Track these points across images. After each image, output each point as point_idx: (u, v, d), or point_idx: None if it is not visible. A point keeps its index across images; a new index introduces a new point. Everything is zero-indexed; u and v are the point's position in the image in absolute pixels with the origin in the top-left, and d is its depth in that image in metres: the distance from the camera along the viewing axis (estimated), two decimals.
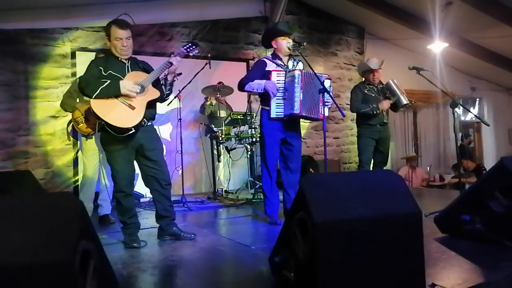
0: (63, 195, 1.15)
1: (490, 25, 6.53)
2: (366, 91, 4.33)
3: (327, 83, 3.33)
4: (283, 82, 3.33)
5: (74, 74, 5.18)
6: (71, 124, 3.71)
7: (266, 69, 3.39)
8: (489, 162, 8.59)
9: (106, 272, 1.34)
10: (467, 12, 6.16)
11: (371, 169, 4.41)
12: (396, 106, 4.38)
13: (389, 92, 4.33)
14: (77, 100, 3.77)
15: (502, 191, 2.36)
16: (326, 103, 3.35)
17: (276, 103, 3.33)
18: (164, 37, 5.96)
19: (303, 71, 3.34)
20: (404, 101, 4.26)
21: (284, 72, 3.36)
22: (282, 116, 3.34)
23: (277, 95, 3.32)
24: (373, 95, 4.31)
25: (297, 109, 3.23)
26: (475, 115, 4.81)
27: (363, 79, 4.49)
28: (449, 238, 2.70)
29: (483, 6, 6.12)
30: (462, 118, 9.24)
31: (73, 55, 5.34)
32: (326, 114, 3.41)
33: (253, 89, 3.39)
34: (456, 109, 3.67)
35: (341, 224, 1.52)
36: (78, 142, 4.01)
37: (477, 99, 9.35)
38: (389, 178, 1.69)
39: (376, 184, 1.66)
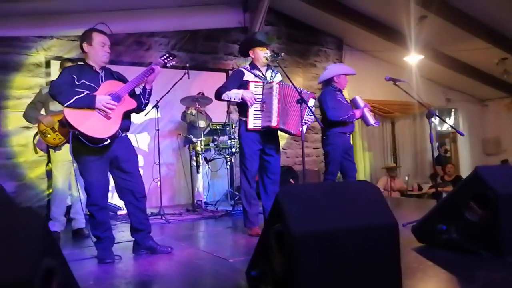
0: (25, 211, 1.09)
1: (463, 38, 6.73)
2: (338, 98, 4.13)
3: (311, 102, 3.34)
4: (261, 93, 3.32)
5: (48, 84, 5.05)
6: (37, 136, 3.61)
7: (244, 79, 3.38)
8: (465, 171, 8.78)
9: None
10: (441, 25, 6.34)
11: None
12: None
13: (355, 107, 4.20)
14: (42, 112, 3.67)
15: (476, 200, 2.39)
16: (306, 122, 3.33)
17: (254, 114, 3.32)
18: (142, 47, 5.91)
19: (281, 83, 3.34)
20: (371, 121, 4.17)
21: (262, 83, 3.35)
22: (260, 127, 3.32)
23: (254, 106, 3.30)
24: (344, 102, 4.16)
25: (274, 122, 3.22)
26: (450, 125, 4.88)
27: (333, 83, 4.17)
28: (427, 248, 2.71)
29: (456, 20, 6.32)
30: (439, 128, 9.45)
31: (47, 64, 5.22)
32: (304, 131, 3.35)
33: (230, 98, 3.37)
34: (432, 119, 3.70)
35: (319, 236, 1.50)
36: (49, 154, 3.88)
37: (453, 110, 9.59)
38: (366, 189, 1.68)
39: (353, 195, 1.65)
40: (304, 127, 3.37)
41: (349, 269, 1.50)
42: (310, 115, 3.35)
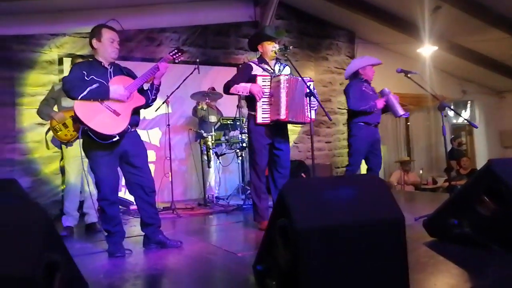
0: (27, 205, 1.11)
1: (478, 28, 6.56)
2: (363, 88, 4.10)
3: (310, 86, 3.31)
4: (269, 87, 3.31)
5: (61, 80, 5.11)
6: (50, 132, 3.68)
7: (252, 73, 3.38)
8: (481, 164, 8.52)
9: (76, 284, 1.29)
10: (456, 16, 6.19)
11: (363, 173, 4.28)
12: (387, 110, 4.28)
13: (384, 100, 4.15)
14: (54, 108, 3.72)
15: (489, 194, 2.34)
16: (312, 106, 3.32)
17: (262, 108, 3.31)
18: (153, 43, 5.93)
19: (289, 76, 3.32)
20: (400, 112, 4.11)
21: (269, 77, 3.34)
22: (268, 121, 3.32)
23: (262, 100, 3.30)
24: (370, 93, 4.13)
25: (283, 115, 3.21)
26: (463, 118, 4.78)
27: (360, 76, 4.17)
28: (438, 242, 2.67)
29: (472, 10, 6.16)
30: (454, 121, 9.26)
31: (60, 61, 5.28)
32: (313, 117, 3.36)
33: (238, 92, 3.38)
34: (448, 111, 3.63)
35: (323, 231, 1.49)
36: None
37: (469, 102, 9.39)
38: (372, 183, 1.66)
39: (359, 189, 1.62)
40: (312, 112, 3.34)
41: (354, 264, 1.48)
42: (314, 101, 3.32)
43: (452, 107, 8.54)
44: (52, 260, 1.06)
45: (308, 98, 3.19)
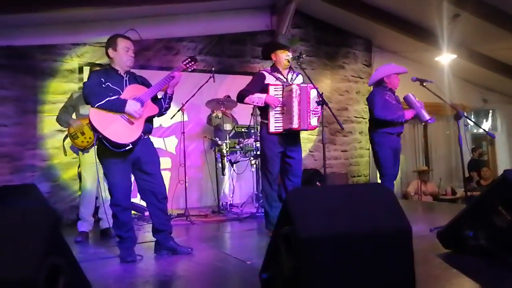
0: (34, 209, 1.14)
1: (499, 36, 6.43)
2: (387, 97, 3.98)
3: (314, 92, 3.29)
4: (281, 96, 3.32)
5: (80, 89, 5.24)
6: (67, 138, 3.77)
7: (265, 82, 3.40)
8: None
9: None
10: (475, 24, 6.08)
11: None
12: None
13: (408, 106, 4.06)
14: (73, 116, 3.82)
15: (505, 205, 2.27)
16: (314, 113, 3.31)
17: (275, 117, 3.33)
18: (170, 52, 6.03)
19: (300, 85, 3.32)
20: (426, 116, 3.98)
21: (281, 86, 3.35)
22: (281, 130, 3.33)
23: (275, 109, 3.31)
24: (393, 102, 4.01)
25: (295, 124, 3.23)
26: (480, 127, 4.66)
27: (384, 84, 4.04)
28: (452, 254, 2.61)
29: (492, 17, 6.04)
30: (475, 131, 9.05)
31: (80, 70, 5.42)
32: (315, 124, 3.35)
33: (253, 102, 3.40)
34: (468, 121, 3.54)
35: (326, 239, 1.47)
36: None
37: (490, 111, 9.16)
38: (378, 192, 1.64)
39: (364, 198, 1.61)
40: (315, 119, 3.33)
41: (357, 273, 1.46)
42: (316, 107, 3.30)
43: (471, 116, 8.37)
44: (55, 264, 1.09)
45: (320, 106, 3.18)
